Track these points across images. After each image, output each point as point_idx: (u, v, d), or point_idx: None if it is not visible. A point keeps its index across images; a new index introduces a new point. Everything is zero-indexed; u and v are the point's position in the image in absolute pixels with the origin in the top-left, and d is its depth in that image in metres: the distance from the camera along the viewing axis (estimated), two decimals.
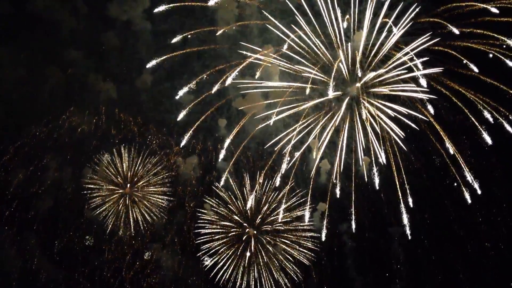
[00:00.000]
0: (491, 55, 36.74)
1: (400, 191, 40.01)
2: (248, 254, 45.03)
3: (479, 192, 39.26)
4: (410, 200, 40.17)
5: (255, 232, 44.62)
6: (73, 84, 43.12)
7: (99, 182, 45.20)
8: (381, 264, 45.17)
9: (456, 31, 35.76)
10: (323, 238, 42.95)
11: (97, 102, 43.35)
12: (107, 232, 45.28)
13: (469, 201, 39.94)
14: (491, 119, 37.58)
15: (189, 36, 38.76)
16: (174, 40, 38.67)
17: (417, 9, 35.73)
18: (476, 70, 36.64)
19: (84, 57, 42.46)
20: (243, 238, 45.19)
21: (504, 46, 36.19)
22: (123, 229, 45.88)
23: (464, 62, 36.81)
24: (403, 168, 39.98)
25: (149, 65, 39.62)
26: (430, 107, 38.46)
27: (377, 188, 40.18)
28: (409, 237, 41.05)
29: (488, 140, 38.12)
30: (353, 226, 41.93)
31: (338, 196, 40.82)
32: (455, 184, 40.08)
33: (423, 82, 36.13)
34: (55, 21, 41.51)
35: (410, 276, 44.86)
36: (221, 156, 40.90)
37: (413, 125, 37.75)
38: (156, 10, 38.77)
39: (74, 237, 44.41)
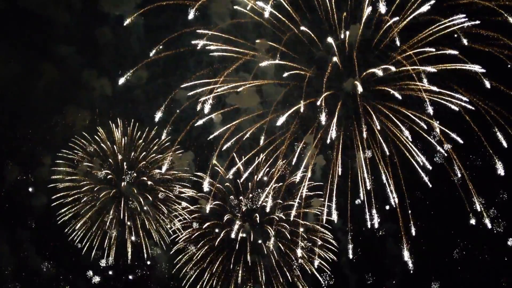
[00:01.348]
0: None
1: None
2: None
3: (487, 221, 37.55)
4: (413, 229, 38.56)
5: (251, 231, 41.22)
6: (67, 80, 42.69)
7: (77, 178, 32.30)
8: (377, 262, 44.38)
9: (464, 41, 32.75)
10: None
11: (91, 99, 42.93)
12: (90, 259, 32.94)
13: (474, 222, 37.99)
14: (504, 143, 34.37)
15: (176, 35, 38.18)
16: (152, 53, 38.13)
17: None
18: (488, 85, 33.37)
19: (77, 53, 42.02)
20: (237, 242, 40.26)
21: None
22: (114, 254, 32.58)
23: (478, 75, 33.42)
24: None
25: (121, 81, 39.02)
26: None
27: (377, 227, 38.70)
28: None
29: (501, 170, 34.90)
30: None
31: (336, 222, 39.66)
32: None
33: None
34: (48, 17, 41.05)
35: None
36: (216, 152, 40.32)
37: (439, 147, 35.04)
38: (125, 23, 38.35)
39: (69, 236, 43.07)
